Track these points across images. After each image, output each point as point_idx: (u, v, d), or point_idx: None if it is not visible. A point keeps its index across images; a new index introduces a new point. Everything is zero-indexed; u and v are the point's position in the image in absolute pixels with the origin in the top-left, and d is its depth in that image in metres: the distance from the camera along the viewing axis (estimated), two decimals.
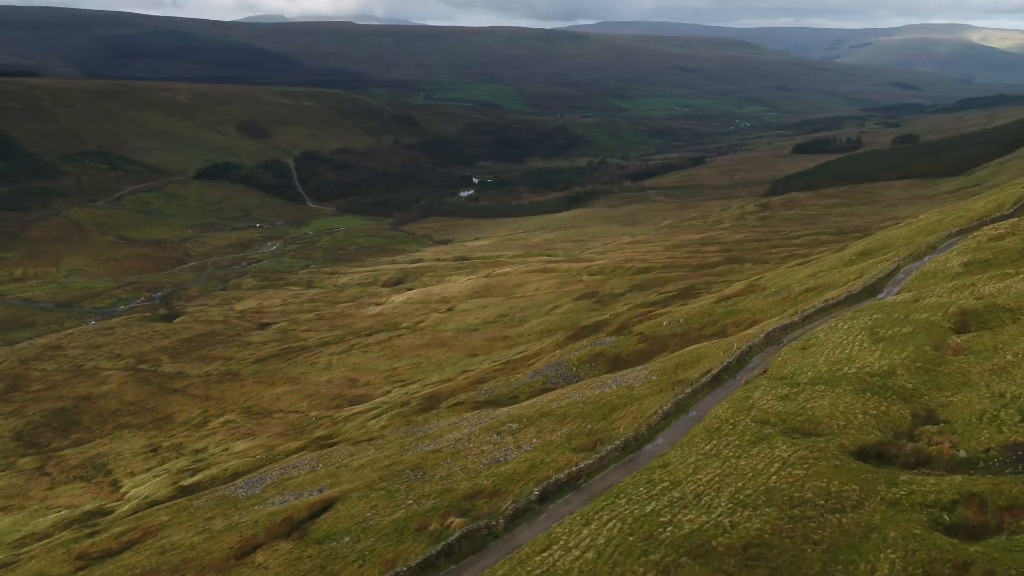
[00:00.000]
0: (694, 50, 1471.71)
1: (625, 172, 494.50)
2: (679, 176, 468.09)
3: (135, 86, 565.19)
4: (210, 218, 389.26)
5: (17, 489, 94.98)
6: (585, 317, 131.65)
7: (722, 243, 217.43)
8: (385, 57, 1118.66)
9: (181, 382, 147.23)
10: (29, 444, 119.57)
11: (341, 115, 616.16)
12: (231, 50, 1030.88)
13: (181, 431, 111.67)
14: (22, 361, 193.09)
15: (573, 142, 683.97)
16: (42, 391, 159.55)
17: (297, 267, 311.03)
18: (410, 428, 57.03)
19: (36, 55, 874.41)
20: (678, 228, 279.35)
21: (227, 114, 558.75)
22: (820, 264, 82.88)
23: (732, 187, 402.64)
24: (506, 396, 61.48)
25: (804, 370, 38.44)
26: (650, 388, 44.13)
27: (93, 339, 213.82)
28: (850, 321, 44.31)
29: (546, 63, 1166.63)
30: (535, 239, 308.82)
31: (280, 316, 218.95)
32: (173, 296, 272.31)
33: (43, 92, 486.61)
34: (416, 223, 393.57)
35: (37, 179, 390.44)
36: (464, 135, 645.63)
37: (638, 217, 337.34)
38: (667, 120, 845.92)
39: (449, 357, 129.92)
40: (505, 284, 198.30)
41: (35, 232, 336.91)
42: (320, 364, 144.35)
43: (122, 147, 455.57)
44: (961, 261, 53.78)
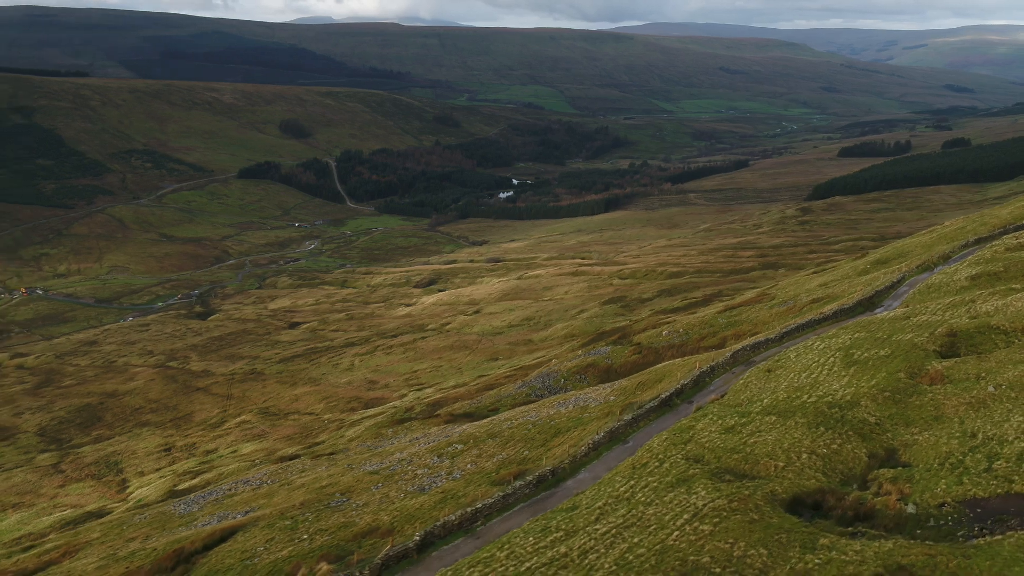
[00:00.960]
0: (740, 51, 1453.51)
1: (666, 174, 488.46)
2: (721, 179, 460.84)
3: (181, 86, 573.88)
4: (250, 217, 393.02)
5: (31, 486, 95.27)
6: (609, 322, 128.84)
7: (759, 248, 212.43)
8: (429, 58, 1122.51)
9: (206, 380, 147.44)
10: (51, 440, 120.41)
11: (383, 116, 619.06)
12: (277, 51, 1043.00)
13: (197, 431, 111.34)
14: (58, 356, 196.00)
15: (615, 144, 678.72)
16: (72, 386, 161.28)
17: (333, 266, 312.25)
18: (375, 442, 55.02)
19: (88, 55, 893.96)
20: (716, 232, 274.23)
21: (270, 114, 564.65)
22: (834, 273, 78.81)
23: (775, 191, 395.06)
24: (486, 408, 59.01)
25: (761, 397, 35.58)
26: (602, 411, 41.34)
27: (128, 335, 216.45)
28: (828, 340, 41.10)
29: (589, 64, 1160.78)
30: (571, 241, 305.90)
31: (311, 316, 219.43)
32: (210, 294, 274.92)
33: (92, 92, 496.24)
34: (453, 224, 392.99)
35: (84, 177, 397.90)
36: (505, 136, 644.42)
37: (676, 220, 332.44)
38: (711, 122, 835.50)
39: (470, 361, 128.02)
40: (535, 287, 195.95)
41: (80, 229, 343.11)
42: (343, 365, 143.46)
43: (167, 146, 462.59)
44: (969, 273, 50.15)
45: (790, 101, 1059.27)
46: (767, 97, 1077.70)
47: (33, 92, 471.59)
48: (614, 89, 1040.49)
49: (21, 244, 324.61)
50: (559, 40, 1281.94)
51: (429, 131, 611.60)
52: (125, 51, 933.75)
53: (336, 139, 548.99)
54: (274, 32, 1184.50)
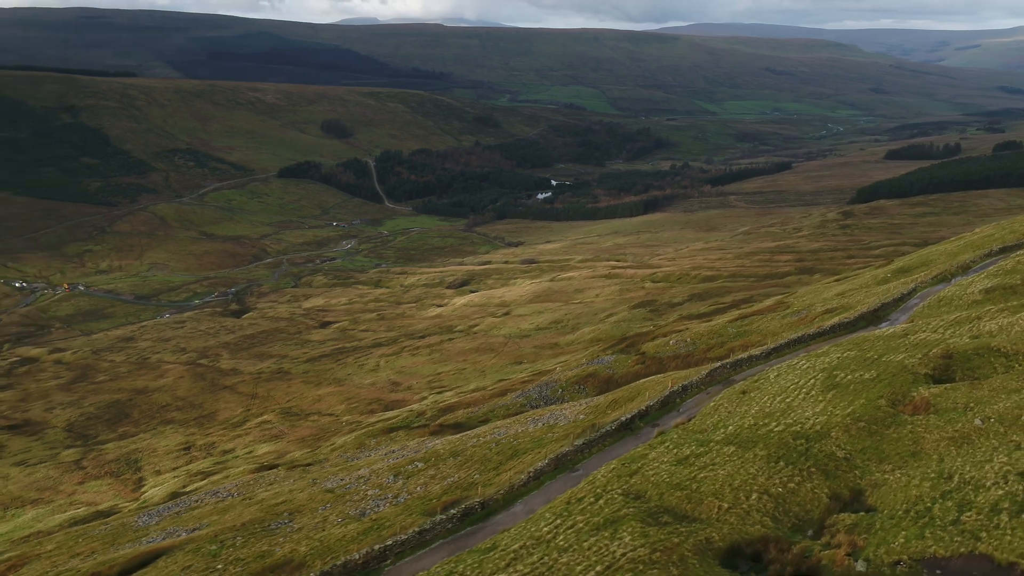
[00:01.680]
0: (787, 52, 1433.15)
1: (707, 176, 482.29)
2: (762, 181, 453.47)
3: (225, 86, 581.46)
4: (289, 216, 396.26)
5: (51, 482, 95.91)
6: (636, 326, 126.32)
7: (796, 252, 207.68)
8: (471, 59, 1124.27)
9: (233, 379, 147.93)
10: (78, 436, 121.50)
11: (423, 116, 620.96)
12: (321, 51, 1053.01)
13: (218, 430, 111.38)
14: (94, 352, 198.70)
15: (656, 145, 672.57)
16: (105, 382, 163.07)
17: (369, 266, 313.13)
18: (354, 454, 53.50)
19: (137, 56, 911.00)
20: (754, 235, 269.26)
21: (312, 114, 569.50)
22: (855, 281, 75.37)
23: (817, 194, 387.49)
24: (478, 419, 57.04)
25: (727, 423, 32.82)
26: (566, 431, 38.94)
27: (164, 332, 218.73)
28: (814, 359, 38.02)
29: (632, 65, 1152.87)
30: (607, 243, 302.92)
31: (343, 315, 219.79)
32: (246, 292, 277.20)
33: (138, 91, 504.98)
34: (490, 224, 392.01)
35: (128, 175, 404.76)
36: (545, 137, 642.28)
37: (715, 223, 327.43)
38: (755, 124, 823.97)
39: (494, 364, 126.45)
40: (566, 289, 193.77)
41: (122, 226, 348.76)
42: (368, 366, 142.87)
43: (210, 145, 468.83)
44: (984, 286, 46.86)
45: (837, 102, 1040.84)
46: (813, 98, 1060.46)
47: (81, 92, 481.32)
48: (657, 90, 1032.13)
49: (65, 241, 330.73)
50: (602, 40, 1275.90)
51: (469, 131, 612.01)
52: (172, 52, 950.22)
53: (376, 139, 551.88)
54: (318, 33, 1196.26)
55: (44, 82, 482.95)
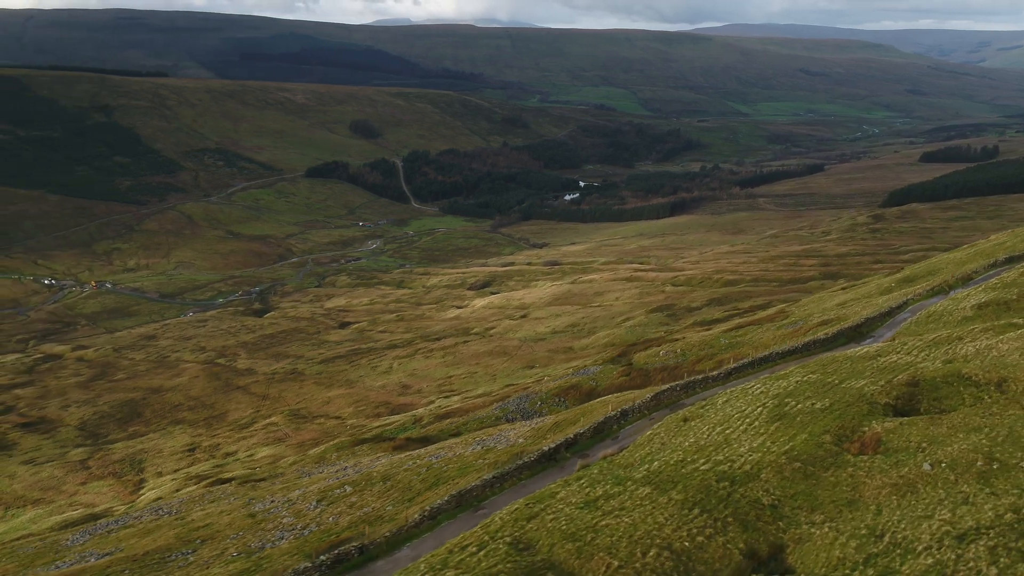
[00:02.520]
0: (821, 53, 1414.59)
1: (736, 178, 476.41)
2: (793, 184, 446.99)
3: (255, 86, 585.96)
4: (315, 215, 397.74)
5: (55, 481, 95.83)
6: (652, 331, 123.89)
7: (823, 256, 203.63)
8: (502, 59, 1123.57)
9: (246, 379, 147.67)
10: (89, 435, 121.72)
11: (451, 116, 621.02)
12: (353, 52, 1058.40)
13: (226, 431, 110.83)
14: (116, 350, 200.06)
15: (686, 146, 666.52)
16: (122, 381, 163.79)
17: (392, 266, 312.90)
18: (310, 468, 51.61)
19: (171, 56, 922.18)
20: (782, 238, 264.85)
21: (341, 114, 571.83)
22: (860, 290, 72.16)
23: (849, 196, 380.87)
24: (447, 433, 55.03)
25: (655, 457, 30.11)
26: (498, 457, 36.73)
27: (185, 331, 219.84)
28: (771, 383, 35.07)
29: (664, 66, 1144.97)
30: (631, 245, 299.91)
31: (363, 316, 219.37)
32: (269, 292, 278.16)
33: (169, 91, 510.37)
34: (515, 225, 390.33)
35: (158, 174, 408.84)
36: (574, 138, 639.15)
37: (742, 225, 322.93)
38: (788, 125, 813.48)
39: (506, 367, 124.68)
40: (586, 292, 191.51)
41: (151, 225, 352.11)
42: (381, 368, 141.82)
43: (239, 145, 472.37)
44: (979, 300, 43.57)
45: (872, 104, 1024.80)
46: (848, 99, 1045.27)
47: (114, 91, 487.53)
48: (689, 91, 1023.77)
49: (95, 239, 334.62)
50: (634, 41, 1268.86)
51: (497, 132, 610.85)
52: (205, 52, 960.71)
53: (404, 139, 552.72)
54: (351, 33, 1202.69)
55: (78, 82, 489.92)
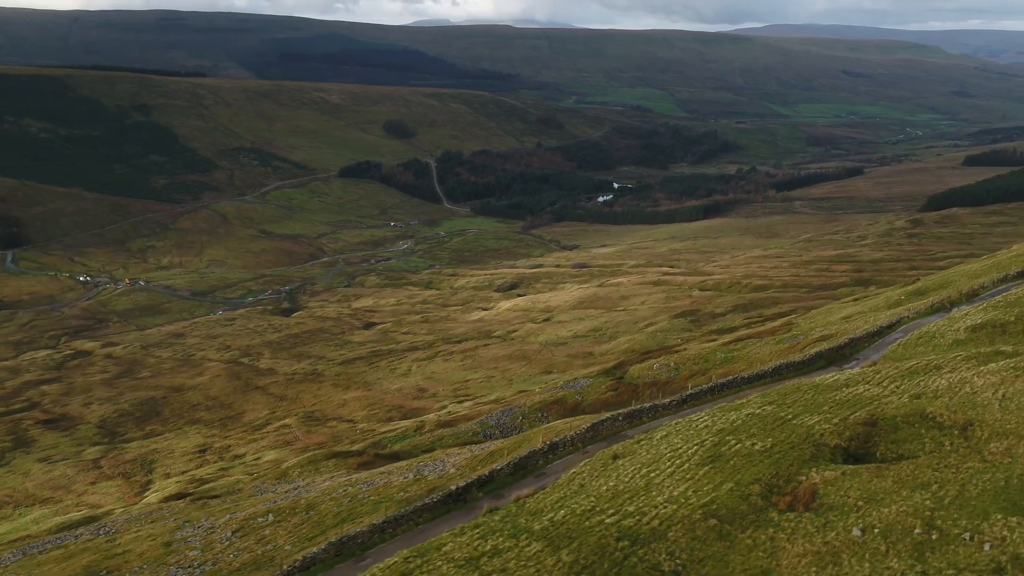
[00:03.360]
0: (864, 53, 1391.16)
1: (773, 181, 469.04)
2: (831, 187, 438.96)
3: (291, 86, 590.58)
4: (348, 215, 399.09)
5: (66, 480, 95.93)
6: (673, 337, 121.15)
7: (856, 262, 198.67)
8: (539, 60, 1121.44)
9: (266, 379, 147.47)
10: (106, 433, 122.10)
11: (486, 117, 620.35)
12: (390, 53, 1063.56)
13: (238, 432, 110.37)
14: (144, 347, 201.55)
15: (723, 148, 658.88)
16: (146, 379, 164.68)
17: (422, 267, 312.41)
18: (270, 485, 49.78)
19: (212, 57, 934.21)
20: (816, 243, 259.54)
21: (375, 114, 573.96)
22: (870, 302, 68.76)
23: (888, 200, 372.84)
24: (421, 448, 52.94)
25: (565, 502, 27.35)
26: (418, 491, 34.42)
27: (213, 329, 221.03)
28: (718, 416, 32.22)
29: (703, 67, 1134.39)
30: (662, 248, 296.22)
31: (389, 316, 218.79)
32: (299, 291, 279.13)
33: (207, 91, 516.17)
34: (547, 227, 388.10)
35: (193, 173, 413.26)
36: (609, 139, 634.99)
37: (777, 229, 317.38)
38: (828, 127, 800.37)
39: (523, 372, 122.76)
40: (612, 296, 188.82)
41: (185, 223, 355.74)
42: (400, 370, 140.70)
43: (273, 144, 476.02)
44: (974, 321, 40.29)
45: (916, 106, 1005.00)
46: (891, 101, 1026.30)
47: (153, 91, 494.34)
48: (727, 92, 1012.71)
49: (130, 237, 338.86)
50: (672, 42, 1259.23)
51: (531, 132, 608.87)
52: (245, 53, 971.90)
53: (438, 139, 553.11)
54: (388, 34, 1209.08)
55: (119, 82, 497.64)
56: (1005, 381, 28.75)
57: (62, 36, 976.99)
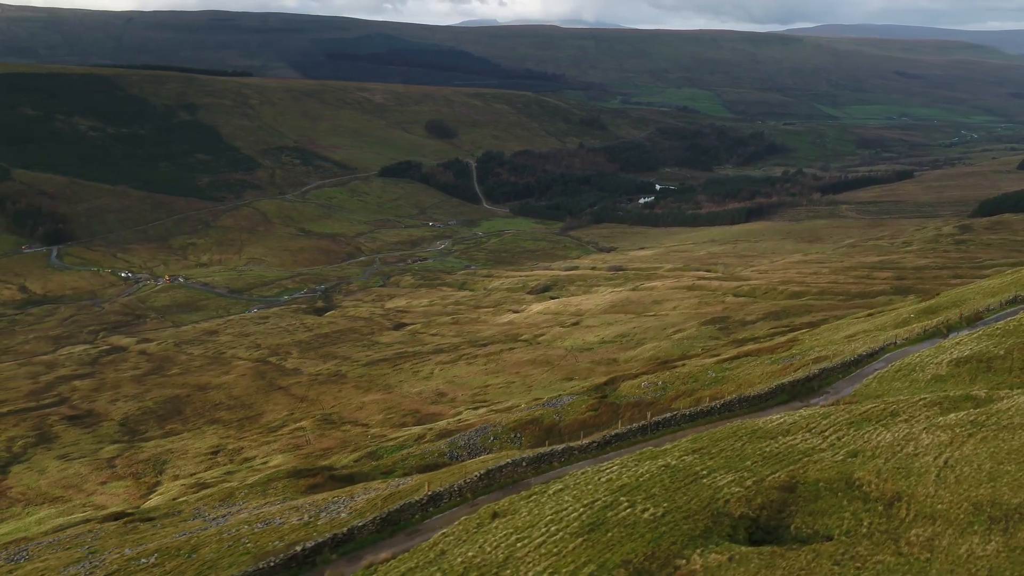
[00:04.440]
0: (919, 54, 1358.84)
1: (819, 184, 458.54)
2: (879, 190, 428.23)
3: (335, 86, 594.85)
4: (386, 215, 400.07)
5: (79, 479, 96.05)
6: (699, 344, 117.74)
7: (899, 269, 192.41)
8: (585, 60, 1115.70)
9: (290, 380, 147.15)
10: (127, 431, 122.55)
11: (528, 117, 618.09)
12: (436, 53, 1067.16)
13: (254, 433, 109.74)
14: (177, 344, 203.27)
15: (769, 150, 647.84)
16: (175, 376, 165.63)
17: (458, 267, 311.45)
18: (210, 507, 47.83)
19: (262, 57, 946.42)
20: (859, 248, 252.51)
21: (418, 114, 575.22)
22: (879, 319, 64.52)
23: (937, 205, 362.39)
24: (379, 471, 50.30)
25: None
26: (308, 534, 31.64)
27: (246, 327, 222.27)
28: (629, 466, 27.92)
29: (751, 67, 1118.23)
30: (701, 252, 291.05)
31: (420, 317, 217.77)
32: (334, 290, 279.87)
33: (252, 91, 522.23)
34: (585, 228, 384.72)
35: (236, 172, 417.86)
36: (652, 140, 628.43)
37: (820, 233, 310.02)
38: (879, 129, 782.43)
39: (544, 379, 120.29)
40: (644, 300, 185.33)
41: (226, 221, 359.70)
42: (422, 373, 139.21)
43: (316, 144, 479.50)
44: (960, 354, 36.01)
45: (972, 108, 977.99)
46: (946, 103, 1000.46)
47: (200, 90, 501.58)
48: (776, 93, 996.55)
49: (172, 234, 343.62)
50: (720, 42, 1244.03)
51: (574, 133, 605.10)
52: (294, 53, 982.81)
53: (479, 140, 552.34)
54: (434, 34, 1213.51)
55: (167, 81, 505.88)
56: (955, 441, 25.16)
57: (116, 36, 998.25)
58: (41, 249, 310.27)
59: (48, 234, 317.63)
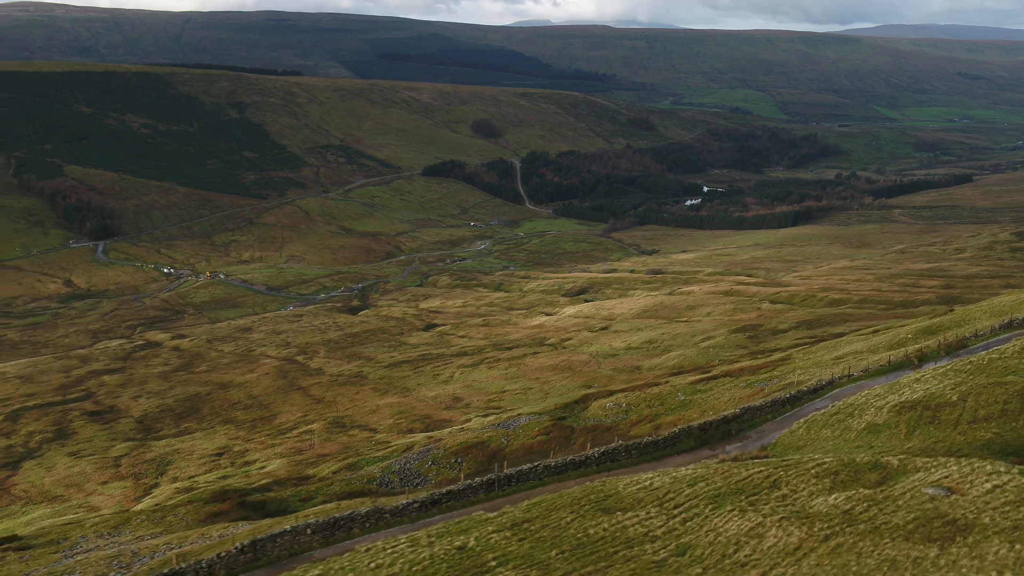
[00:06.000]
0: (983, 55, 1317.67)
1: (873, 187, 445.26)
2: (935, 195, 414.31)
3: (383, 85, 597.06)
4: (428, 214, 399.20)
5: (82, 478, 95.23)
6: (725, 354, 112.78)
7: (948, 277, 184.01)
8: (636, 60, 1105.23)
9: (311, 380, 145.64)
10: (142, 429, 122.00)
11: (575, 117, 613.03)
12: (487, 53, 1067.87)
13: (263, 435, 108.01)
14: (209, 341, 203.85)
15: (823, 152, 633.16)
16: (201, 373, 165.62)
17: (496, 268, 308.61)
18: (102, 533, 44.76)
19: (316, 56, 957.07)
20: (908, 255, 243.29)
21: (464, 113, 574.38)
22: (877, 339, 59.10)
23: (995, 211, 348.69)
24: (297, 499, 46.69)
25: None
26: None
27: (279, 325, 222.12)
28: (422, 548, 22.24)
29: (807, 68, 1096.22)
30: (744, 256, 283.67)
31: (451, 318, 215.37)
32: (371, 289, 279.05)
33: (300, 89, 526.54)
34: (628, 230, 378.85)
35: (281, 169, 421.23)
36: (702, 141, 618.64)
37: (869, 239, 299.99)
38: (939, 132, 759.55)
39: (564, 385, 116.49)
40: (678, 305, 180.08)
41: (268, 218, 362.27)
42: (442, 376, 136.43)
43: (361, 142, 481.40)
44: (908, 397, 29.84)
45: None
46: (1011, 105, 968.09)
47: (250, 89, 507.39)
48: (832, 94, 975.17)
49: (216, 230, 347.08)
50: (775, 42, 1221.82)
51: (621, 134, 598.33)
52: (347, 53, 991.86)
53: (525, 140, 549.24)
54: (486, 35, 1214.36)
55: (218, 80, 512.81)
56: (803, 547, 17.25)
57: (175, 36, 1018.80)
58: (88, 244, 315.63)
59: (95, 229, 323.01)
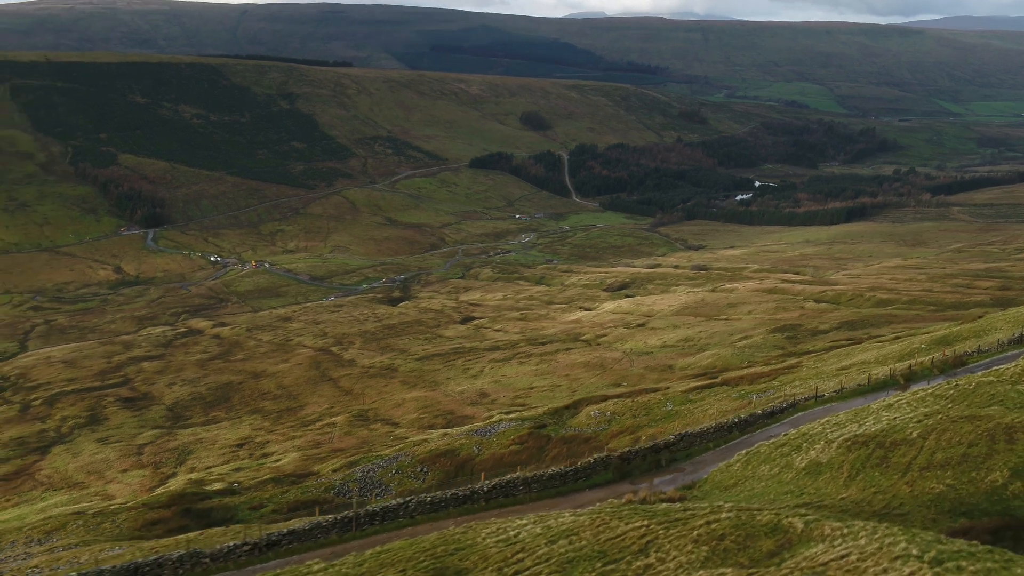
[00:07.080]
0: None
1: (932, 184, 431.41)
2: (997, 192, 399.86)
3: (432, 76, 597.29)
4: (474, 206, 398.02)
5: (104, 465, 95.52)
6: (761, 355, 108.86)
7: (1005, 278, 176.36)
8: (690, 53, 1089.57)
9: (342, 371, 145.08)
10: (171, 417, 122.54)
11: (625, 110, 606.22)
12: (539, 45, 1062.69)
13: (287, 426, 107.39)
14: (249, 329, 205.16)
15: (881, 147, 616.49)
16: (237, 362, 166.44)
17: (539, 261, 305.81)
18: (24, 546, 42.76)
19: (368, 48, 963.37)
20: (965, 254, 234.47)
21: (513, 105, 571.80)
22: (888, 349, 54.92)
23: None
24: (247, 507, 44.26)
25: None
26: None
27: (319, 315, 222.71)
28: None
29: (867, 61, 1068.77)
30: (792, 253, 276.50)
31: (490, 312, 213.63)
32: (413, 280, 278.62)
33: (350, 81, 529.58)
34: (676, 225, 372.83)
35: (329, 160, 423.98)
36: (755, 135, 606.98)
37: (924, 237, 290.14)
38: (1004, 127, 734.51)
39: (593, 383, 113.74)
40: (719, 303, 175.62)
41: (315, 209, 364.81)
42: (472, 371, 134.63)
43: (409, 134, 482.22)
44: (864, 429, 26.43)
45: None
46: None
47: (300, 80, 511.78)
48: (892, 88, 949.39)
49: (263, 220, 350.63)
50: (834, 35, 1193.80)
51: (672, 127, 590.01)
52: (399, 44, 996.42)
53: (574, 132, 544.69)
54: (538, 26, 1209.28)
55: (269, 71, 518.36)
56: None
57: (231, 28, 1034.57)
58: (138, 232, 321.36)
59: (146, 217, 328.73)
